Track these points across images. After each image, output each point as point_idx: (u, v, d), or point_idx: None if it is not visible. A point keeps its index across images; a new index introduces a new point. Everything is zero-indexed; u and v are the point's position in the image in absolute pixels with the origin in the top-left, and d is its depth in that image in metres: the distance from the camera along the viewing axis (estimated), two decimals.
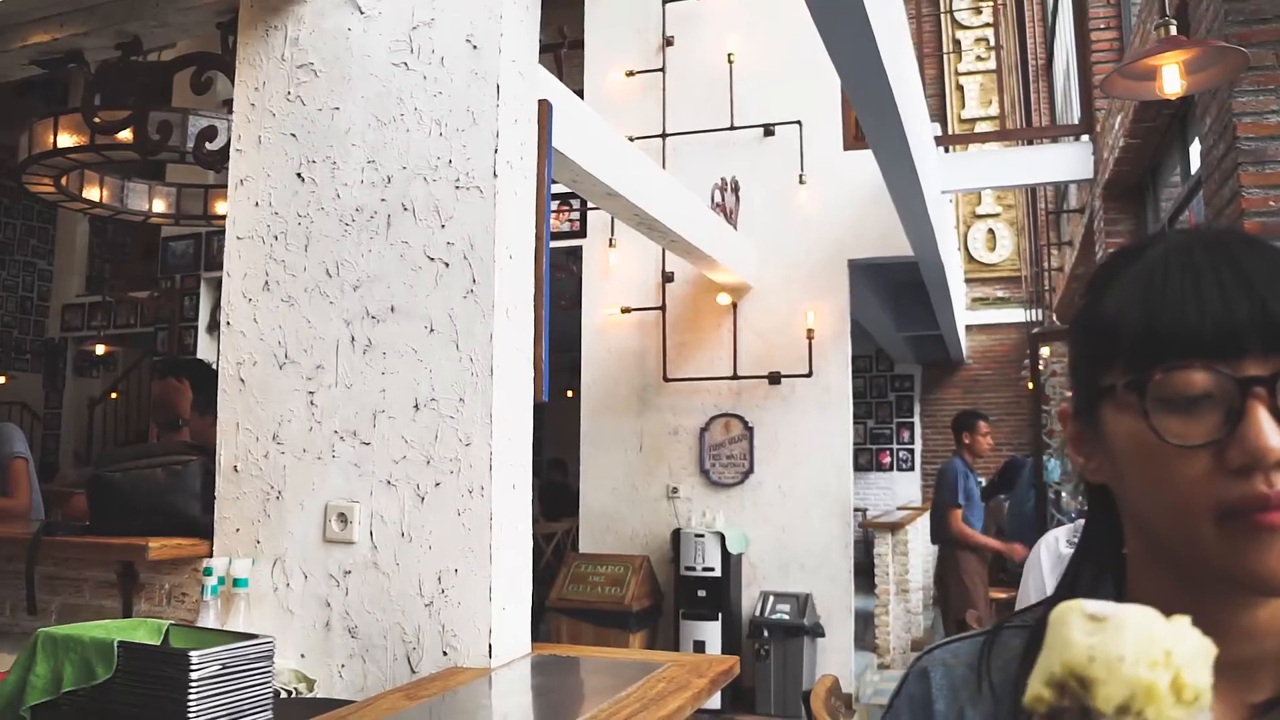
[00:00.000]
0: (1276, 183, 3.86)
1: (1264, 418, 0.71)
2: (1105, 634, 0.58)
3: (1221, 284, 0.73)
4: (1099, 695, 0.56)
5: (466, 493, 2.58)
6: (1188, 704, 0.56)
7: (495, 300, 2.62)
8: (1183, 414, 0.73)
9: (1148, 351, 0.75)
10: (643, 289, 7.46)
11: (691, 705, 2.21)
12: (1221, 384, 0.72)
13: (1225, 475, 0.72)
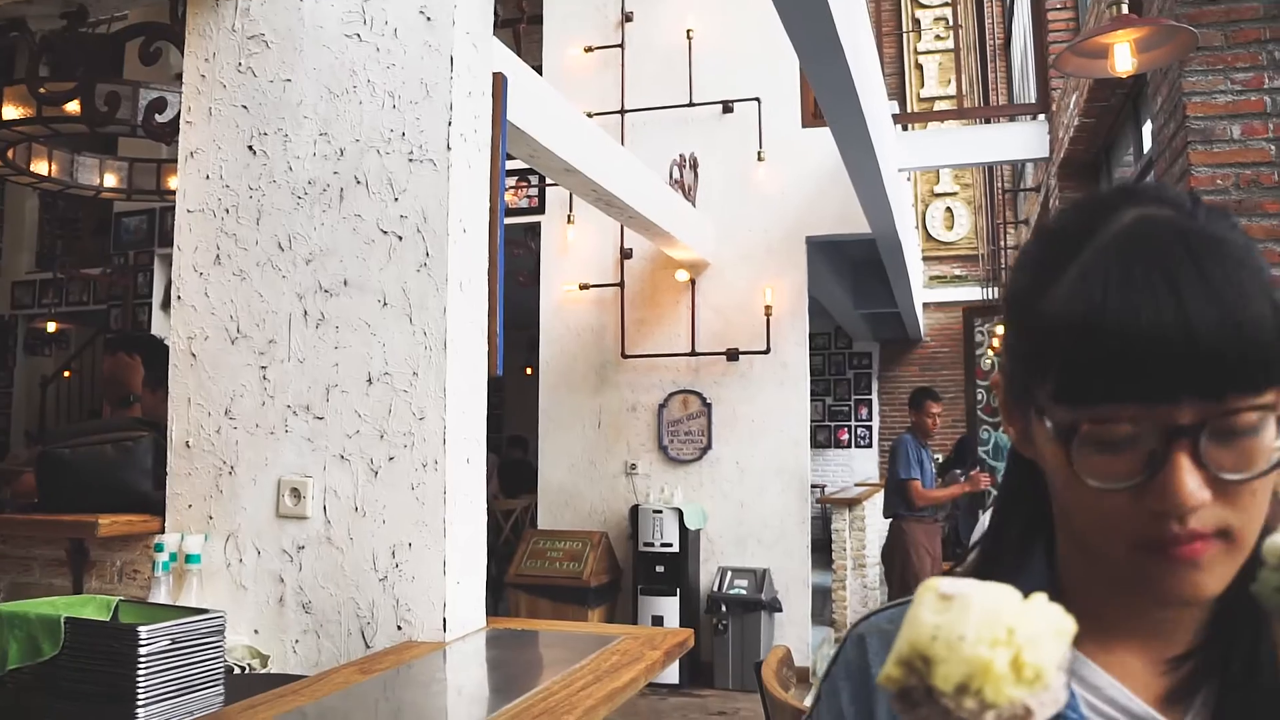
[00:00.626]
0: (1224, 161, 3.91)
1: (1186, 467, 0.69)
2: (951, 613, 0.57)
3: (1161, 326, 0.68)
4: (938, 674, 0.56)
5: (420, 467, 2.58)
6: (1028, 683, 0.56)
7: (449, 274, 2.61)
8: (1108, 452, 0.72)
9: (1079, 387, 0.72)
10: (601, 266, 7.45)
11: (645, 676, 2.23)
12: (1148, 428, 0.70)
13: (1142, 513, 0.70)
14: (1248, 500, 0.71)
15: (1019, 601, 0.58)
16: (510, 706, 1.93)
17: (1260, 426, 0.70)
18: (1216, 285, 0.69)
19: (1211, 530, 0.69)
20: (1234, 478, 0.69)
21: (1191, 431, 0.69)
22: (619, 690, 2.06)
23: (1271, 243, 3.85)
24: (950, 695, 0.56)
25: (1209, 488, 0.69)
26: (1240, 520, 0.70)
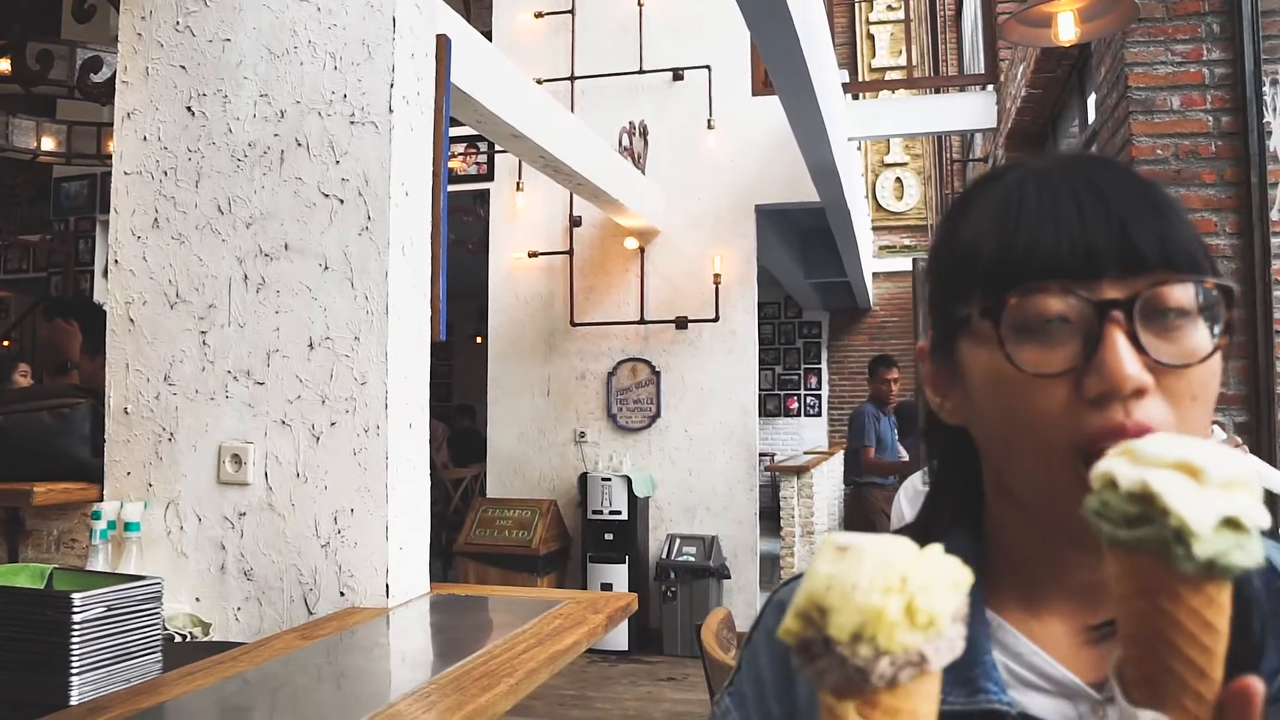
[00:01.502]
0: (1164, 131, 3.96)
1: (1122, 344, 0.68)
2: (845, 563, 0.57)
3: (1079, 205, 0.71)
4: (834, 623, 0.56)
5: (362, 432, 2.56)
6: (922, 629, 0.55)
7: (391, 238, 2.58)
8: (1039, 342, 0.71)
9: (1004, 276, 0.72)
10: (550, 233, 7.42)
11: (587, 640, 2.23)
12: (1079, 308, 0.70)
13: (1083, 406, 0.69)
14: (1188, 403, 0.70)
15: (914, 551, 0.58)
16: (452, 669, 1.93)
17: (1192, 320, 0.70)
18: (1132, 178, 0.72)
19: (1160, 428, 0.68)
20: (1171, 363, 0.69)
21: (1123, 305, 0.68)
22: (561, 653, 2.07)
23: (1208, 212, 3.91)
24: (846, 644, 0.56)
25: (1150, 374, 0.68)
26: (1180, 423, 0.69)
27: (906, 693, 0.57)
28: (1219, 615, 0.58)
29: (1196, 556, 0.56)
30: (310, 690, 1.97)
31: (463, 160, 7.56)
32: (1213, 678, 0.59)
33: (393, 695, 1.81)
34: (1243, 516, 0.56)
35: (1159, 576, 0.58)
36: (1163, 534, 0.56)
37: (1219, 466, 0.57)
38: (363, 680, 2.03)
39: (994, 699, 0.76)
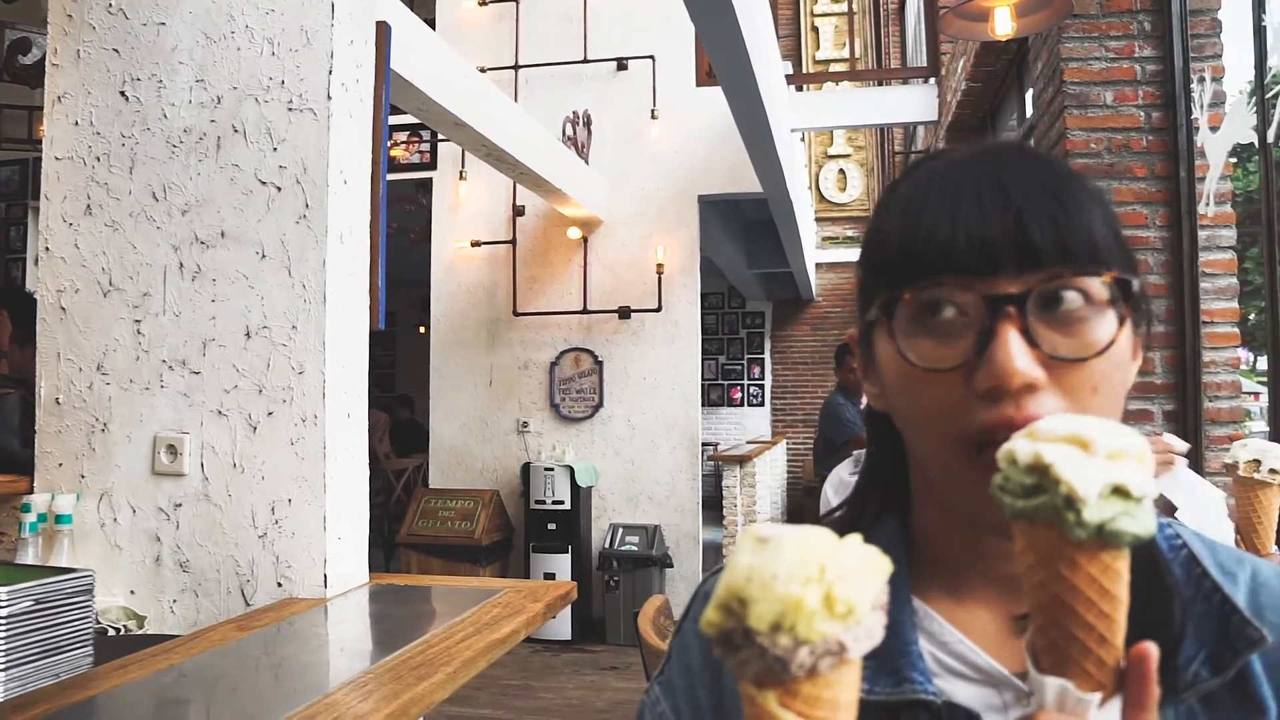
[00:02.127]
0: (1098, 125, 4.03)
1: (1013, 339, 0.68)
2: (765, 554, 0.58)
3: (979, 199, 0.71)
4: (753, 614, 0.56)
5: (300, 421, 2.54)
6: (840, 617, 0.56)
7: (329, 226, 2.56)
8: (935, 337, 0.72)
9: (904, 271, 0.73)
10: (493, 222, 7.39)
11: (527, 628, 2.24)
12: (973, 303, 0.70)
13: (976, 400, 0.70)
14: (1088, 395, 0.71)
15: (833, 541, 0.59)
16: (389, 659, 1.92)
17: (1093, 314, 0.71)
18: (1040, 169, 0.73)
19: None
20: (1066, 356, 0.70)
21: (1016, 301, 0.69)
22: (499, 642, 2.07)
23: (1140, 205, 3.99)
24: (766, 634, 0.56)
25: (1043, 368, 0.69)
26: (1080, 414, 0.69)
27: (827, 681, 0.58)
28: (1116, 582, 0.61)
29: (1086, 522, 0.58)
30: (247, 681, 1.95)
31: (405, 149, 7.50)
32: (1114, 644, 0.61)
33: (330, 685, 1.81)
34: (1130, 485, 0.59)
35: (1057, 545, 0.60)
36: (1055, 502, 0.59)
37: (1107, 438, 0.60)
38: (300, 671, 2.02)
39: (919, 688, 0.76)
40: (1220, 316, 3.95)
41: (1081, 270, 0.70)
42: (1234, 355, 3.98)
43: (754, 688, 0.59)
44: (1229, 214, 3.99)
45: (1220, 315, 3.95)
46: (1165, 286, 3.99)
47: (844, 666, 0.58)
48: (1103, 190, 0.77)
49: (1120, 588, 0.61)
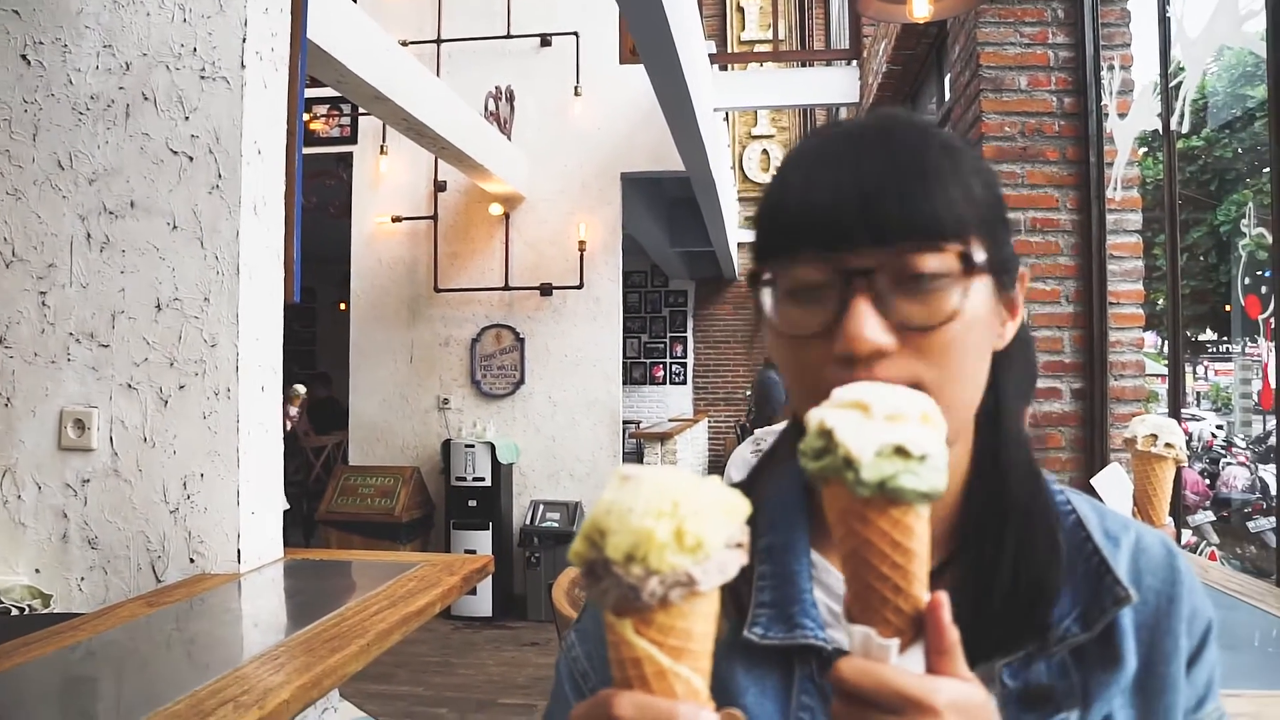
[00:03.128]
0: (1012, 109, 4.11)
1: (864, 310, 0.74)
2: (625, 490, 0.62)
3: (838, 176, 0.76)
4: (610, 544, 0.60)
5: (212, 395, 2.50)
6: (690, 551, 0.60)
7: (242, 196, 2.52)
8: (800, 305, 0.77)
9: (771, 243, 0.78)
10: (414, 198, 7.32)
11: (442, 601, 2.24)
12: (830, 276, 0.75)
13: (835, 363, 0.75)
14: (939, 356, 0.76)
15: (691, 481, 0.62)
16: (302, 632, 1.91)
17: (945, 284, 0.75)
18: (897, 147, 0.77)
19: (901, 382, 0.73)
20: (915, 325, 0.75)
21: (868, 274, 0.74)
22: (414, 614, 2.07)
23: (1051, 188, 4.09)
24: (620, 564, 0.60)
25: (894, 335, 0.74)
26: (933, 376, 0.75)
27: (680, 612, 0.61)
28: (907, 536, 0.64)
29: (866, 480, 0.62)
30: (157, 657, 1.93)
31: (325, 122, 7.39)
32: (910, 594, 0.65)
33: (243, 660, 1.79)
34: (908, 444, 0.63)
35: (849, 502, 0.65)
36: (837, 462, 0.63)
37: (884, 402, 0.64)
38: (212, 646, 2.00)
39: (811, 635, 0.81)
40: (1126, 298, 4.07)
41: (928, 245, 0.75)
42: (1138, 335, 4.10)
43: (613, 616, 0.62)
44: (1135, 199, 4.11)
45: (1126, 297, 4.07)
46: (1074, 268, 4.09)
47: (696, 599, 0.62)
48: (974, 160, 0.80)
49: (914, 541, 0.65)
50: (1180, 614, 0.83)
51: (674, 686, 0.63)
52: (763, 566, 0.85)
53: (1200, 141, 12.39)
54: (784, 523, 0.87)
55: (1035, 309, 4.08)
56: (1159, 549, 0.86)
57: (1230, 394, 14.12)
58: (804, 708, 0.81)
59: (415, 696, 5.18)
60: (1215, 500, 10.80)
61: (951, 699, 0.63)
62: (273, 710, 1.52)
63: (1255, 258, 3.11)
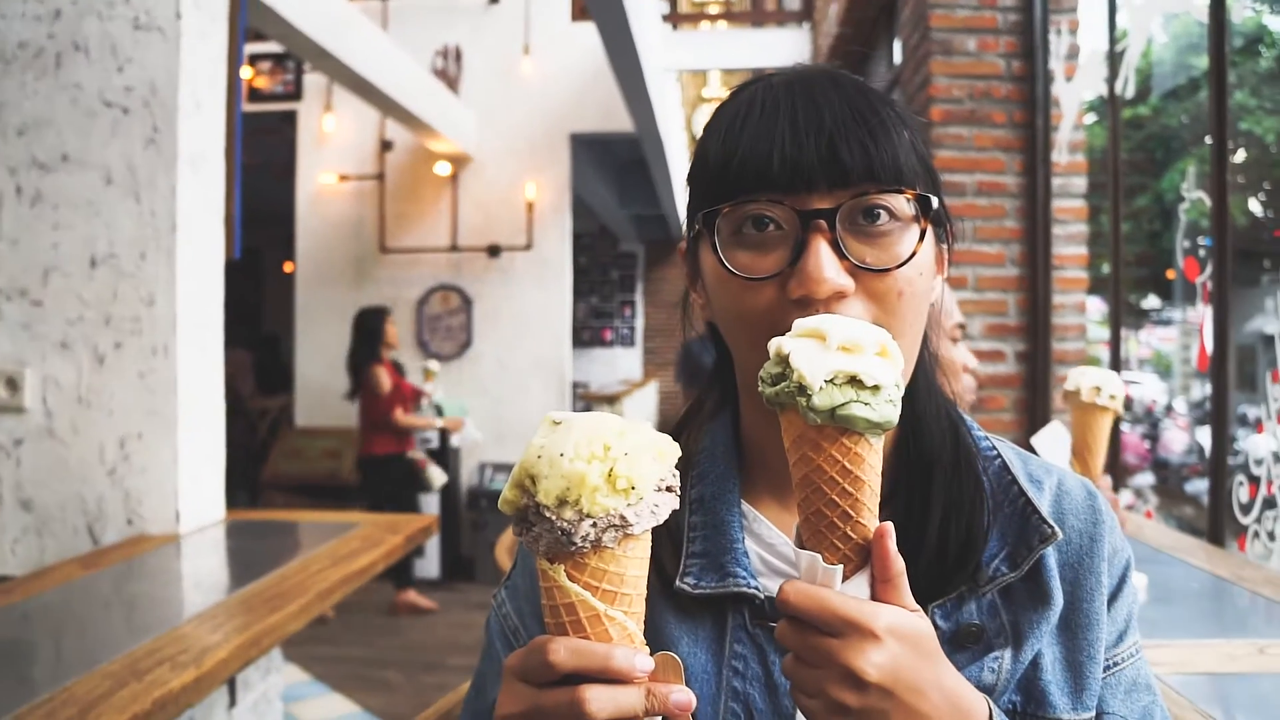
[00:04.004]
0: (961, 73, 4.12)
1: (823, 250, 0.75)
2: (556, 434, 0.62)
3: (794, 121, 0.76)
4: (542, 489, 0.61)
5: (150, 354, 2.46)
6: (622, 493, 0.60)
7: (180, 151, 2.46)
8: (753, 249, 0.77)
9: (723, 187, 0.78)
10: (360, 156, 7.21)
11: (384, 561, 2.22)
12: (787, 218, 0.76)
13: (789, 306, 0.76)
14: (893, 300, 0.77)
15: (621, 425, 0.62)
16: (242, 591, 1.89)
17: (899, 229, 0.78)
18: (853, 94, 0.78)
19: None
20: (872, 266, 0.76)
21: (826, 216, 0.75)
22: (356, 574, 2.05)
23: (998, 152, 4.10)
24: (552, 508, 0.60)
25: (851, 277, 0.75)
26: (885, 320, 0.77)
27: (613, 556, 0.62)
28: (858, 464, 0.65)
29: (817, 407, 0.63)
30: (93, 619, 1.90)
31: (269, 78, 7.25)
32: (859, 521, 0.67)
33: (183, 620, 1.77)
34: (861, 374, 0.63)
35: (801, 428, 0.66)
36: (791, 388, 0.64)
37: (842, 332, 0.65)
38: (151, 607, 1.97)
39: (743, 584, 0.82)
40: (1070, 261, 4.11)
41: (887, 188, 0.76)
42: (1081, 299, 4.15)
43: (546, 562, 0.63)
44: (1081, 163, 4.14)
45: (1070, 260, 4.11)
46: (1019, 231, 4.12)
47: (629, 542, 0.62)
48: (912, 115, 0.82)
49: (864, 470, 0.66)
50: (1102, 552, 0.86)
51: (608, 630, 0.63)
52: (694, 517, 0.86)
53: (1147, 110, 12.52)
54: (715, 474, 0.88)
55: (980, 272, 4.11)
56: (1080, 491, 0.89)
57: (1171, 360, 14.37)
58: (737, 656, 0.82)
59: (362, 659, 5.17)
60: (1155, 463, 11.04)
61: (891, 625, 0.65)
62: (211, 669, 1.50)
63: (1194, 222, 3.16)
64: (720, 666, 0.82)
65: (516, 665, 0.65)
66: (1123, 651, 0.87)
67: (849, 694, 0.64)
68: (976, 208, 4.11)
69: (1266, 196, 11.65)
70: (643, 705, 0.63)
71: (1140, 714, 0.85)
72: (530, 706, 0.63)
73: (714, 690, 0.82)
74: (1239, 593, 2.10)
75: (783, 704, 0.80)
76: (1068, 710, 0.82)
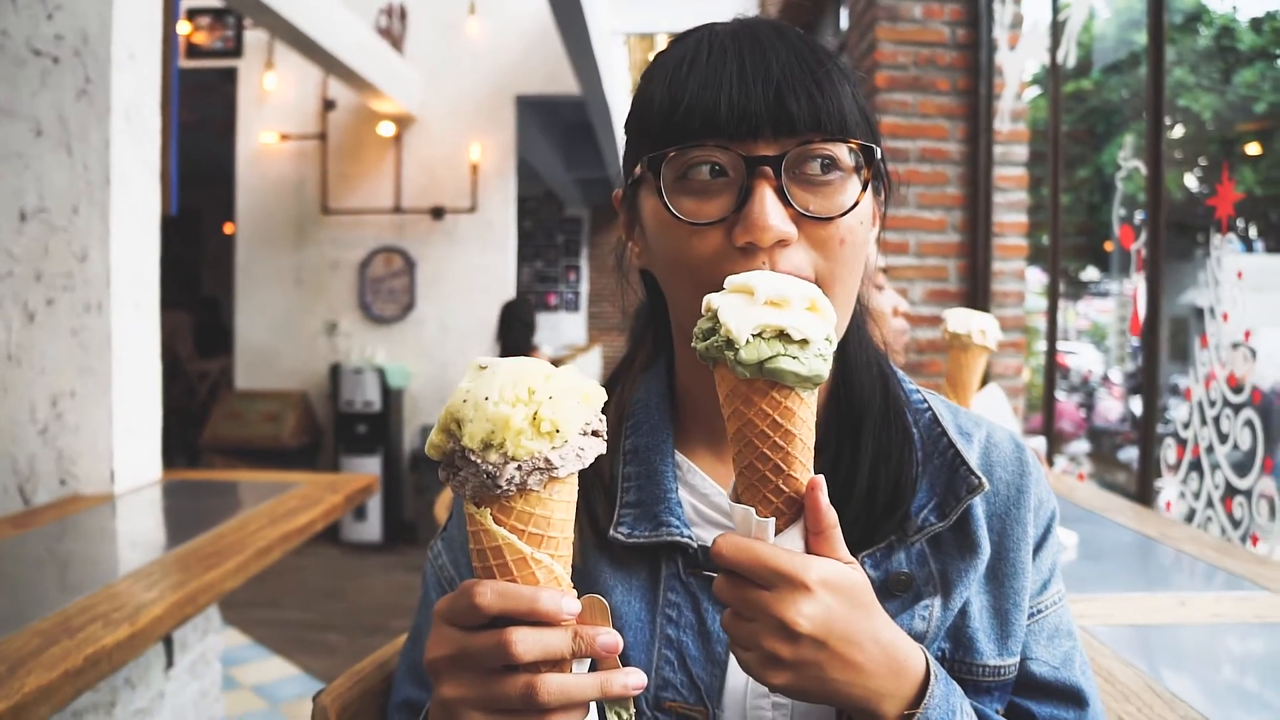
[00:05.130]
0: (906, 39, 4.14)
1: (769, 197, 0.75)
2: (481, 379, 0.62)
3: (742, 69, 0.77)
4: (467, 433, 0.61)
5: (83, 310, 2.41)
6: (546, 436, 0.61)
7: (113, 103, 2.40)
8: (698, 194, 0.78)
9: (669, 132, 0.78)
10: (302, 116, 7.09)
11: (324, 520, 2.21)
12: (733, 164, 0.77)
13: (733, 253, 0.76)
14: (835, 249, 0.78)
15: (546, 370, 0.63)
16: (178, 549, 1.87)
17: (842, 178, 0.79)
18: (798, 45, 0.79)
19: (799, 273, 0.76)
20: (816, 214, 0.77)
21: (772, 163, 0.76)
22: (295, 532, 2.04)
23: (942, 119, 4.13)
24: (478, 452, 0.61)
25: (794, 225, 0.76)
26: (827, 269, 0.78)
27: (539, 499, 0.63)
28: (788, 418, 0.66)
29: (745, 360, 0.64)
30: (25, 578, 1.87)
31: (208, 33, 7.09)
32: (791, 474, 0.68)
33: (116, 579, 1.75)
34: (789, 328, 0.64)
35: (733, 383, 0.67)
36: (719, 342, 0.65)
37: (770, 287, 0.66)
38: (84, 565, 1.94)
39: (676, 533, 0.83)
40: (1010, 229, 4.16)
41: (832, 138, 0.77)
42: (1020, 266, 4.20)
43: (473, 506, 0.63)
44: (1023, 131, 4.19)
45: (1010, 228, 4.16)
46: (961, 198, 4.16)
47: (554, 485, 0.63)
48: (853, 71, 0.83)
49: (795, 424, 0.67)
50: (1028, 503, 0.88)
51: (535, 573, 0.64)
52: (628, 468, 0.87)
53: (1089, 84, 12.66)
54: (648, 424, 0.89)
55: (922, 238, 4.15)
56: (1008, 444, 0.91)
57: (1108, 331, 14.62)
58: (671, 604, 0.83)
59: (304, 622, 5.14)
60: (1090, 431, 11.26)
61: (823, 576, 0.66)
62: (145, 626, 1.48)
63: (1132, 195, 3.22)
64: (654, 615, 0.83)
65: (444, 609, 0.66)
66: (1046, 599, 0.90)
67: (782, 645, 0.66)
68: (919, 174, 4.14)
69: (1203, 172, 11.85)
70: (570, 647, 0.64)
71: (1062, 659, 0.88)
72: (458, 650, 0.64)
73: (648, 638, 0.83)
74: (1164, 550, 2.17)
75: (715, 651, 0.82)
76: (994, 656, 0.84)
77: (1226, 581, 1.92)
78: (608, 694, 0.65)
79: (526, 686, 0.61)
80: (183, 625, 1.97)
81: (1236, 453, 2.58)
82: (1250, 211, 11.17)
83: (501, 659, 0.62)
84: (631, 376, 0.94)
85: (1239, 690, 1.41)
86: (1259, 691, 1.41)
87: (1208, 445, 2.66)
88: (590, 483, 0.85)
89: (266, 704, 4.04)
